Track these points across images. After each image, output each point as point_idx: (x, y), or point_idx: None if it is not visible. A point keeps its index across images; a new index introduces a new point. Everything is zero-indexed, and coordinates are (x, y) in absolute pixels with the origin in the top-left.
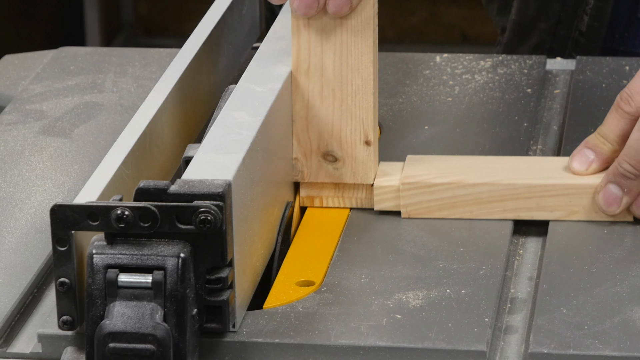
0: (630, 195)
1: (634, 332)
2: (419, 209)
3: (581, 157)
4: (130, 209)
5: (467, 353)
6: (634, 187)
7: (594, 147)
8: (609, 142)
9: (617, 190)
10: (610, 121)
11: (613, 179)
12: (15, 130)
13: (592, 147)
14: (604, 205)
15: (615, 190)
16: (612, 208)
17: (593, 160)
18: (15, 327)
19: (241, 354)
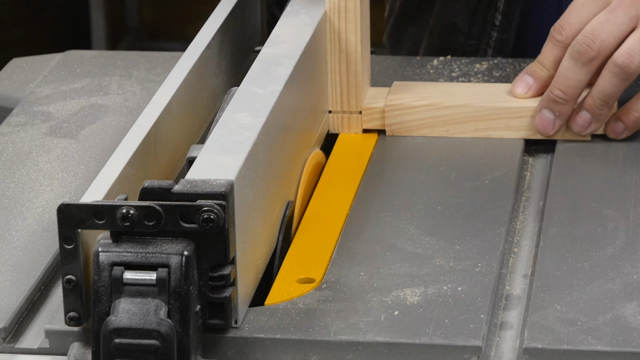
0: (561, 118)
1: (626, 328)
2: (401, 127)
3: (522, 82)
4: (135, 208)
5: (463, 348)
6: (565, 110)
7: (533, 72)
8: (545, 68)
9: (549, 114)
10: (546, 49)
11: (546, 104)
12: (23, 132)
13: (531, 73)
14: (540, 128)
15: (549, 115)
16: (547, 130)
17: (532, 85)
18: (23, 323)
19: (243, 350)
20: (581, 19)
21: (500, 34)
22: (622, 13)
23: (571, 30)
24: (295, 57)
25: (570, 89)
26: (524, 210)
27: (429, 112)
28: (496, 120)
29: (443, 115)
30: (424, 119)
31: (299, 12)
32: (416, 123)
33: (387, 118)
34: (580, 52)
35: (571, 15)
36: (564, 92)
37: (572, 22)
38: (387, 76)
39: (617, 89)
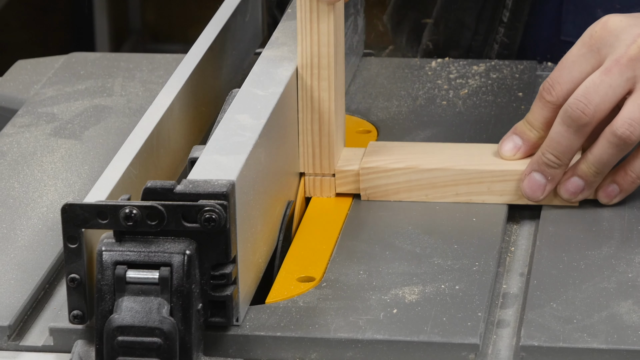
0: (553, 182)
1: (621, 326)
2: (377, 192)
3: (509, 142)
4: (138, 207)
5: (461, 346)
6: (557, 174)
7: (522, 133)
8: (534, 129)
9: (541, 178)
10: (535, 110)
11: (537, 167)
12: (27, 132)
13: (519, 133)
14: (529, 193)
15: (539, 178)
16: (536, 195)
17: (520, 146)
18: (28, 321)
19: (244, 347)
20: (572, 79)
21: (507, 30)
22: (617, 74)
23: (562, 90)
24: (296, 58)
25: (562, 154)
26: (520, 210)
27: (406, 175)
28: (478, 185)
29: (421, 179)
30: (401, 183)
31: None
32: (393, 187)
33: (362, 182)
34: (573, 117)
35: (562, 74)
36: (557, 157)
37: (562, 82)
38: (386, 78)
39: (615, 159)
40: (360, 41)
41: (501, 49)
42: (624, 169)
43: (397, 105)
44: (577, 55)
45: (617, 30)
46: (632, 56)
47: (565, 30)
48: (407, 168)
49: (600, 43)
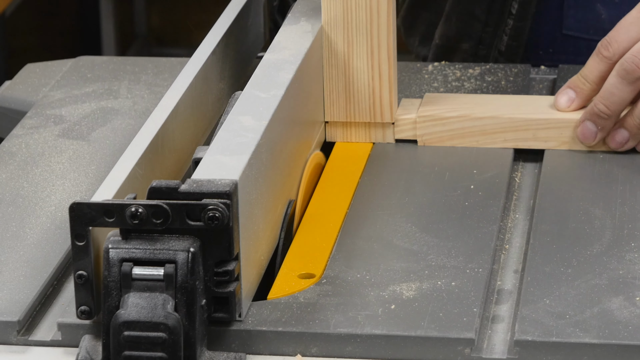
0: (603, 131)
1: (612, 321)
2: (432, 138)
3: (564, 95)
4: (144, 206)
5: (457, 340)
6: (607, 124)
7: (575, 87)
8: (588, 82)
9: (592, 126)
10: (591, 64)
11: (589, 117)
12: (36, 134)
13: (574, 87)
14: (582, 139)
15: (591, 127)
16: (588, 141)
17: (574, 98)
18: (37, 316)
19: (247, 342)
20: (629, 38)
21: (516, 22)
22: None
23: (619, 47)
24: (297, 62)
25: (614, 104)
26: (514, 209)
27: (460, 123)
28: (524, 132)
29: (473, 126)
30: (455, 130)
31: (299, 20)
32: (447, 134)
33: (418, 129)
34: (628, 70)
35: (619, 32)
36: (608, 107)
37: (620, 40)
38: None
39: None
40: None
41: (510, 40)
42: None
43: None
44: (635, 17)
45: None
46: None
47: (567, 25)
48: (460, 116)
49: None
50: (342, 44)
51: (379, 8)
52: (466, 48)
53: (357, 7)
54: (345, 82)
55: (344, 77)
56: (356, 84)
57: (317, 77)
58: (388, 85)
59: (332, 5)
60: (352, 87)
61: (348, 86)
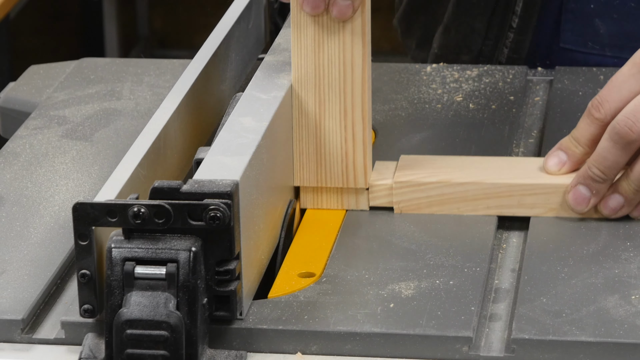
0: (597, 196)
1: (608, 319)
2: (410, 205)
3: (555, 157)
4: (146, 206)
5: (455, 339)
6: (602, 189)
7: (567, 149)
8: (580, 145)
9: (586, 191)
10: (582, 126)
11: (583, 181)
12: (40, 135)
13: (565, 149)
14: (573, 205)
15: (584, 192)
16: (580, 207)
17: (565, 161)
18: (41, 315)
19: (247, 340)
20: (621, 97)
21: (517, 35)
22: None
23: (610, 108)
24: None
25: (608, 169)
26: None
27: (439, 189)
28: (508, 198)
29: (454, 192)
30: (434, 196)
31: None
32: (425, 200)
33: (395, 195)
34: (621, 134)
35: (611, 92)
36: (603, 172)
37: (611, 100)
38: (383, 83)
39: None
40: None
41: (511, 53)
42: None
43: (394, 109)
44: (627, 75)
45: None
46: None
47: (564, 38)
48: (440, 182)
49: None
50: (313, 104)
51: (352, 64)
52: (465, 60)
53: (330, 64)
54: (316, 145)
55: (315, 138)
56: (328, 147)
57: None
58: (362, 148)
59: (302, 62)
60: (324, 150)
61: (319, 149)
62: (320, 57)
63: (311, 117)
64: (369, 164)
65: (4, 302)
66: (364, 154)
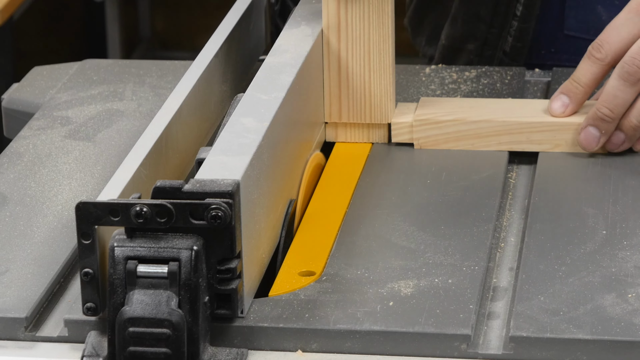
0: (606, 135)
1: (605, 318)
2: (428, 141)
3: (558, 101)
4: (148, 206)
5: (454, 336)
6: (610, 128)
7: (569, 91)
8: (581, 85)
9: (595, 132)
10: (583, 67)
11: (592, 122)
12: (43, 135)
13: (567, 92)
14: (584, 144)
15: (594, 132)
16: (591, 146)
17: (568, 104)
18: (44, 313)
19: (249, 338)
20: (621, 39)
21: (520, 24)
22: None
23: (610, 49)
24: (297, 65)
25: (617, 107)
26: (509, 208)
27: (455, 126)
28: (518, 134)
29: (468, 130)
30: (450, 133)
31: (300, 24)
32: (443, 137)
33: (415, 132)
34: (630, 72)
35: (610, 34)
36: (612, 110)
37: (611, 42)
38: None
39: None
40: None
41: (515, 41)
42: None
43: None
44: (625, 19)
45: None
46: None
47: (568, 25)
48: (456, 120)
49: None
50: (341, 48)
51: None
52: (471, 48)
53: (353, 14)
54: (345, 85)
55: (344, 79)
56: (354, 86)
57: (317, 79)
58: (386, 88)
59: (331, 10)
60: (351, 89)
61: (347, 88)
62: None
63: (339, 60)
64: (392, 103)
65: (8, 300)
66: (387, 93)
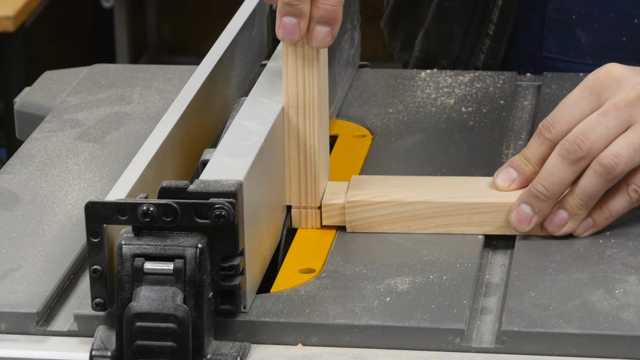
0: (539, 215)
1: (593, 313)
2: (362, 224)
3: (505, 175)
4: (155, 205)
5: (448, 331)
6: (544, 207)
7: (517, 167)
8: (530, 163)
9: (528, 210)
10: (533, 145)
11: (526, 199)
12: (54, 137)
13: (515, 167)
14: (516, 223)
15: (527, 210)
16: (522, 226)
17: (515, 178)
18: (55, 308)
19: (251, 332)
20: (572, 119)
21: (492, 42)
22: (614, 117)
23: (561, 129)
24: None
25: (553, 185)
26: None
27: (390, 208)
28: (458, 216)
29: (404, 211)
30: (385, 215)
31: None
32: (377, 219)
33: (347, 214)
34: (570, 150)
35: (562, 114)
36: (547, 188)
37: (562, 121)
38: (380, 87)
39: (599, 190)
40: (356, 54)
41: (487, 59)
42: (600, 205)
43: (390, 112)
44: (578, 97)
45: (619, 78)
46: (629, 101)
47: (547, 47)
48: (391, 201)
49: (601, 88)
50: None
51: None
52: (444, 64)
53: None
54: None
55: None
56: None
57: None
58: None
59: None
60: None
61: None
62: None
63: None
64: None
65: (20, 296)
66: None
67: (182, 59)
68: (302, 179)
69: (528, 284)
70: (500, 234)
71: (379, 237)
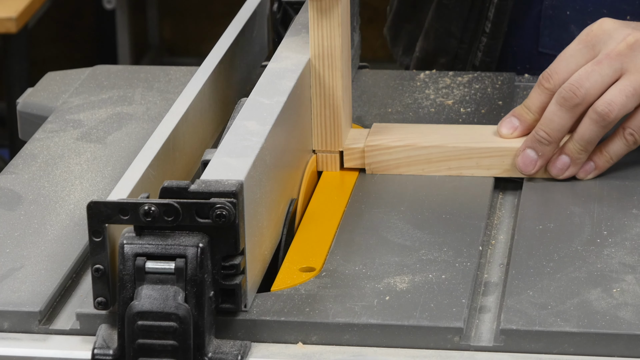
0: (543, 158)
1: (591, 311)
2: (380, 166)
3: (508, 123)
4: (156, 205)
5: (447, 329)
6: (547, 151)
7: (519, 115)
8: (531, 112)
9: (533, 154)
10: (533, 95)
11: (530, 144)
12: (57, 137)
13: (517, 115)
14: (522, 166)
15: (532, 154)
16: (528, 169)
17: (517, 126)
18: (57, 307)
19: (252, 330)
20: (568, 69)
21: (489, 40)
22: (607, 65)
23: (559, 78)
24: (298, 70)
25: (554, 131)
26: (500, 208)
27: (405, 152)
28: (468, 160)
29: (418, 155)
30: (401, 159)
31: (300, 31)
32: (394, 162)
33: (366, 157)
34: (566, 97)
35: (559, 65)
36: (548, 134)
37: (559, 72)
38: (379, 88)
39: (596, 135)
40: (356, 55)
41: (484, 56)
42: (600, 149)
43: (389, 112)
44: (574, 50)
45: (610, 30)
46: (621, 51)
47: (543, 43)
48: (406, 145)
49: (595, 40)
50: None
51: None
52: (443, 62)
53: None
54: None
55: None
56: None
57: (305, 106)
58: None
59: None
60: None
61: None
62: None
63: None
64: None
65: (23, 295)
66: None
67: (183, 60)
68: (326, 125)
69: (526, 282)
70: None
71: (377, 236)
